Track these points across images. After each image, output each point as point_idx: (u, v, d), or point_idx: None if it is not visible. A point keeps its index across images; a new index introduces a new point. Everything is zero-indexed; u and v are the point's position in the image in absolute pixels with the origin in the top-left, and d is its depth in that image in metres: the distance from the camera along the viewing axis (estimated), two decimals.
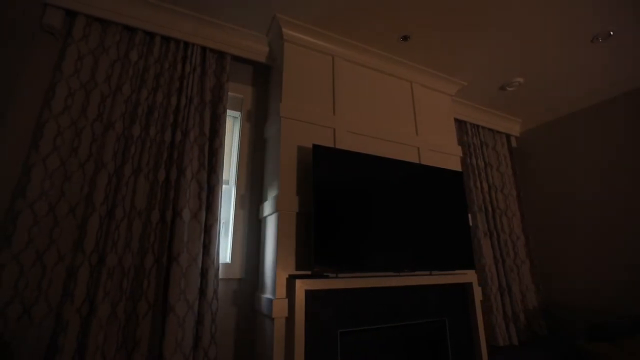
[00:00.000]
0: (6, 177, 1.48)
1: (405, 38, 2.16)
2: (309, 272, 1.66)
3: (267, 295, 1.67)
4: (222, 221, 1.99)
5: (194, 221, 1.67)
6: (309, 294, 1.56)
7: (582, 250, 2.87)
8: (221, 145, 1.86)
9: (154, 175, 1.68)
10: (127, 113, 1.72)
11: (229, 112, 2.16)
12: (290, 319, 1.51)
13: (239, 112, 2.16)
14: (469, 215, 2.83)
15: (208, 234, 1.70)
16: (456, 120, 3.10)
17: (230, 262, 1.85)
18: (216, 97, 1.96)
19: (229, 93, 2.11)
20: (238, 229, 1.92)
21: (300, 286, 1.53)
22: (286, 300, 1.55)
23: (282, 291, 1.57)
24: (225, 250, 1.93)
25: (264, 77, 2.29)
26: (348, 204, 1.74)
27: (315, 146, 1.72)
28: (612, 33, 2.13)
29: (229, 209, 2.01)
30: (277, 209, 1.66)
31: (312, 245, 1.58)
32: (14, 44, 1.53)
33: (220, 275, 1.79)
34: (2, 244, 1.35)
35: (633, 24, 2.06)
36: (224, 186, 2.05)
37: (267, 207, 1.80)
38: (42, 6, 1.67)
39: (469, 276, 2.09)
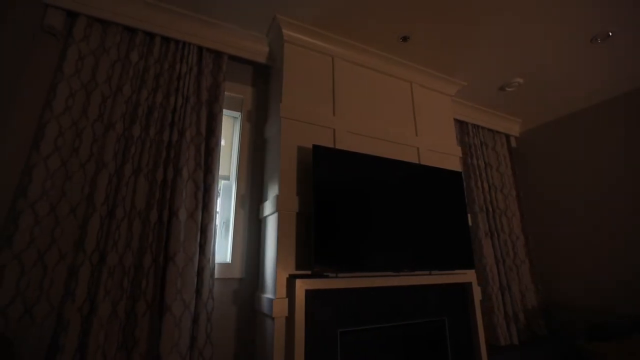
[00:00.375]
0: (8, 177, 1.49)
1: (404, 39, 2.16)
2: (309, 272, 1.66)
3: (268, 294, 1.67)
4: (222, 221, 2.00)
5: (191, 221, 1.67)
6: (309, 293, 1.57)
7: (582, 250, 2.87)
8: (217, 144, 1.86)
9: (152, 175, 1.68)
10: (127, 113, 1.72)
11: (229, 112, 2.16)
12: (290, 319, 1.52)
13: (239, 113, 2.16)
14: (470, 216, 2.84)
15: (204, 233, 1.70)
16: (458, 121, 3.10)
17: (230, 261, 1.86)
18: (212, 96, 1.96)
19: (230, 93, 2.12)
20: (238, 228, 1.92)
21: (301, 286, 1.53)
22: (286, 299, 1.55)
23: (282, 291, 1.58)
24: (226, 249, 1.94)
25: (264, 78, 2.29)
26: (348, 204, 1.75)
27: (315, 146, 1.73)
28: (611, 34, 2.14)
29: (229, 208, 2.01)
30: (278, 208, 1.66)
31: (312, 245, 1.58)
32: (15, 45, 1.54)
33: (221, 275, 1.79)
34: (4, 244, 1.35)
35: (632, 24, 2.07)
36: (224, 182, 2.06)
37: (268, 207, 1.81)
38: (43, 7, 1.68)
39: (468, 276, 2.09)
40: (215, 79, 2.00)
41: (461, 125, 3.13)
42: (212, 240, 1.72)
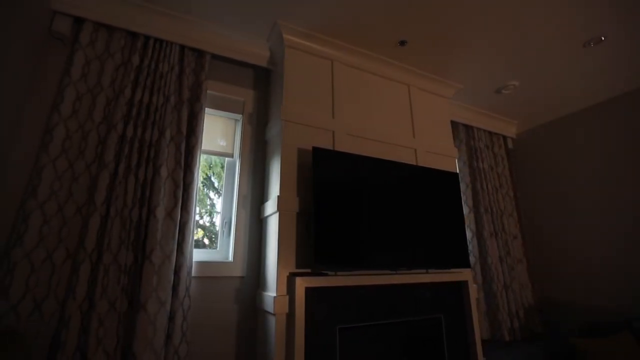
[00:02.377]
0: (19, 179, 1.53)
1: (402, 43, 2.21)
2: (309, 270, 1.71)
3: (269, 292, 1.72)
4: (224, 221, 2.04)
5: (169, 219, 1.67)
6: (309, 291, 1.61)
7: (579, 250, 2.92)
8: (197, 142, 1.87)
9: (137, 174, 1.69)
10: (127, 115, 1.75)
11: (231, 114, 2.21)
12: (290, 315, 1.57)
13: (241, 115, 2.21)
14: (476, 217, 2.89)
15: (182, 232, 1.71)
16: (464, 125, 3.16)
17: (232, 260, 1.91)
18: (194, 95, 1.97)
19: (231, 96, 2.17)
20: (240, 228, 1.97)
21: (301, 284, 1.58)
22: (287, 297, 1.60)
23: (283, 288, 1.63)
24: (228, 249, 1.99)
25: (265, 81, 2.34)
26: (347, 205, 1.80)
27: (315, 148, 1.78)
28: (603, 38, 2.19)
29: (231, 209, 2.06)
30: (278, 209, 1.71)
31: (312, 245, 1.63)
32: (24, 51, 1.58)
33: (223, 274, 1.84)
34: (15, 243, 1.40)
35: (624, 29, 2.12)
36: (228, 160, 2.13)
37: (269, 207, 1.86)
38: (51, 13, 1.72)
39: (464, 274, 2.14)
40: (198, 77, 2.00)
41: (467, 129, 3.19)
42: (191, 239, 1.72)
